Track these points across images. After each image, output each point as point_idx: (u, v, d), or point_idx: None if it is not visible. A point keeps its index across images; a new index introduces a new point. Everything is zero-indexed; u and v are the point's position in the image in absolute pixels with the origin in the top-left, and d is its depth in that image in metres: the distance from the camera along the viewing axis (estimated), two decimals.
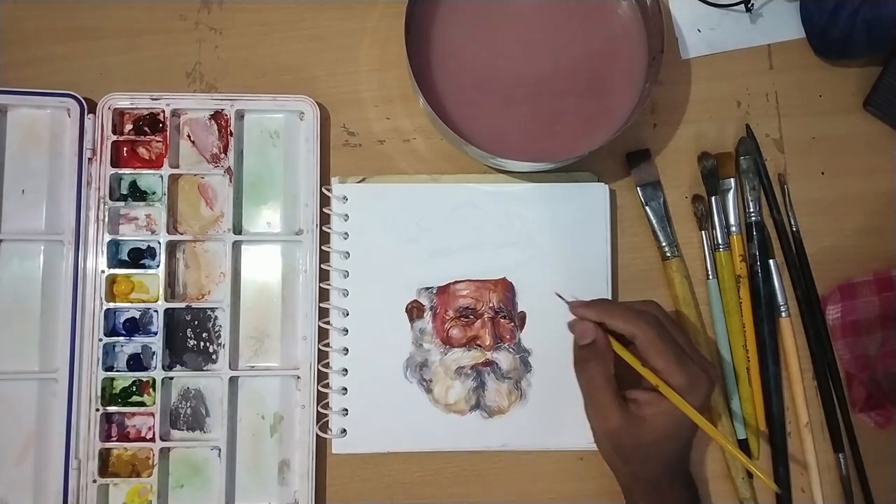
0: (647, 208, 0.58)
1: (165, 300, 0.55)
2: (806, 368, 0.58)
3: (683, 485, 0.51)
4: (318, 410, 0.54)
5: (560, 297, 0.53)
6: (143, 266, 0.56)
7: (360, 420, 0.55)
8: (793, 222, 0.59)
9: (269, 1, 0.59)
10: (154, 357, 0.55)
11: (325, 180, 0.57)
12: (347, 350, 0.55)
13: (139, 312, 0.56)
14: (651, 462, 0.49)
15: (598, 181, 0.58)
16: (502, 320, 0.56)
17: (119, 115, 0.56)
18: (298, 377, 0.55)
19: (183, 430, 0.55)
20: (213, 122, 0.57)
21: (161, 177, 0.56)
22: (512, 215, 0.56)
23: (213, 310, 0.56)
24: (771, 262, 0.58)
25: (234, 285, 0.56)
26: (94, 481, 0.53)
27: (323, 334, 0.56)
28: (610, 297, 0.56)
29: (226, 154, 0.56)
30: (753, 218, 0.58)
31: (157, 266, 0.55)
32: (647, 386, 0.49)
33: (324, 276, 0.56)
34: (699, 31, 0.60)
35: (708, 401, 0.48)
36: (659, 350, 0.46)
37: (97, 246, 0.55)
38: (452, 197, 0.56)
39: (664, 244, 0.57)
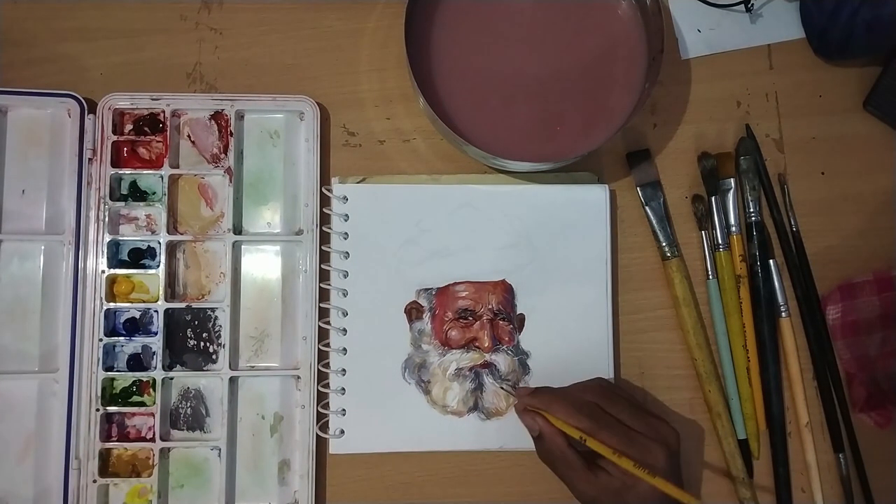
0: (647, 208, 0.58)
1: (165, 300, 0.55)
2: (806, 368, 0.58)
3: None
4: (318, 410, 0.54)
5: (508, 390, 0.55)
6: (144, 266, 0.56)
7: (357, 420, 0.55)
8: (793, 222, 0.59)
9: (269, 1, 0.59)
10: (154, 357, 0.55)
11: (325, 180, 0.57)
12: (346, 350, 0.55)
13: (139, 312, 0.56)
14: None
15: (598, 181, 0.58)
16: (501, 322, 0.56)
17: (119, 115, 0.56)
18: (298, 377, 0.55)
19: (183, 430, 0.55)
20: (213, 122, 0.57)
21: (161, 177, 0.56)
22: (512, 216, 0.56)
23: (213, 310, 0.56)
24: (771, 262, 0.58)
25: (234, 285, 0.56)
26: (94, 481, 0.53)
27: (323, 334, 0.56)
28: (609, 300, 0.56)
29: (226, 154, 0.56)
30: (753, 218, 0.58)
31: (158, 266, 0.55)
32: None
33: (323, 276, 0.56)
34: (699, 31, 0.60)
35: (671, 458, 0.47)
36: (602, 439, 0.47)
37: (97, 246, 0.55)
38: (452, 198, 0.56)
39: (664, 244, 0.57)
